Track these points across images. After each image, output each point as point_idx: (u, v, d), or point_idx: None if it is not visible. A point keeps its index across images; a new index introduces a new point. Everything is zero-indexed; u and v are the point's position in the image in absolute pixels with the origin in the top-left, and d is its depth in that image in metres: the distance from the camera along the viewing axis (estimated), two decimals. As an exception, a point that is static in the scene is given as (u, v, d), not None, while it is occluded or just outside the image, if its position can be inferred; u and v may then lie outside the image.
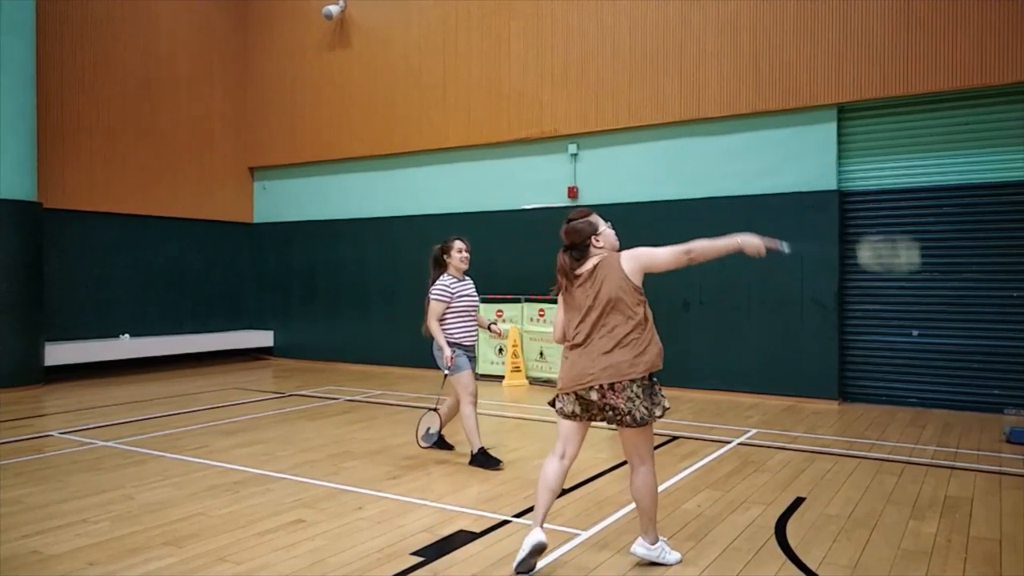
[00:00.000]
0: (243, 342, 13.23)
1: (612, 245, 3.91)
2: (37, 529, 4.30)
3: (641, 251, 3.78)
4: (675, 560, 3.83)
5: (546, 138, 10.79)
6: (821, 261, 8.85)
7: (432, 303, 5.75)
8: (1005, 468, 5.83)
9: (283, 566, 3.77)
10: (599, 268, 3.76)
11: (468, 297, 5.86)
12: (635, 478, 3.75)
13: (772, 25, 9.15)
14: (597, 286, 3.73)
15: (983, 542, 4.18)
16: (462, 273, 5.94)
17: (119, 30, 11.83)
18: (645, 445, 3.72)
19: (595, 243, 3.86)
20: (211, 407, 8.49)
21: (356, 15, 12.55)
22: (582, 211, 3.99)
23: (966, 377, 8.36)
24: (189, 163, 12.88)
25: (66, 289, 11.05)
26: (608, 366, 3.61)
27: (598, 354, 3.66)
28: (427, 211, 11.90)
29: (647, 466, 3.73)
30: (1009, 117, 8.20)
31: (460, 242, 5.91)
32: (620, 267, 3.73)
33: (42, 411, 8.32)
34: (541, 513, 3.71)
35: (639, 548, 3.79)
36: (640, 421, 3.60)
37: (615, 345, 3.64)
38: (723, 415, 8.11)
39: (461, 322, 5.81)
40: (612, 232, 3.95)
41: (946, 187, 8.48)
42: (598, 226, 3.91)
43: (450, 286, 5.78)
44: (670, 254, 3.72)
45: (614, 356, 3.62)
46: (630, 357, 3.61)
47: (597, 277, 3.75)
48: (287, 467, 5.76)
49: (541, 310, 10.51)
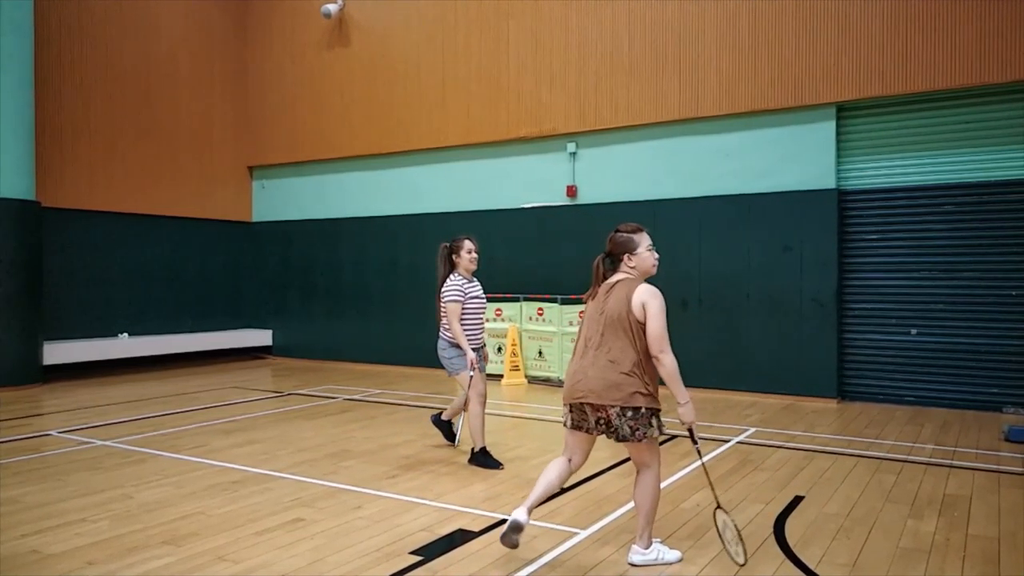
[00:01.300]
0: (242, 341, 13.23)
1: (644, 270, 3.80)
2: (36, 528, 4.30)
3: (654, 304, 3.61)
4: (675, 559, 3.82)
5: (545, 137, 10.79)
6: (820, 260, 8.86)
7: (449, 305, 5.66)
8: (1003, 466, 5.83)
9: (282, 565, 3.77)
10: (617, 287, 3.73)
11: (478, 299, 5.82)
12: (637, 480, 3.77)
13: (771, 24, 9.15)
14: (610, 303, 3.70)
15: (982, 540, 4.18)
16: (470, 274, 5.88)
17: (119, 29, 11.82)
18: (645, 454, 3.71)
19: (627, 261, 3.79)
20: (210, 406, 8.48)
21: (355, 14, 12.54)
22: (634, 226, 3.85)
23: (965, 376, 8.37)
24: (188, 162, 12.87)
25: (65, 288, 11.04)
26: (595, 388, 3.62)
27: (592, 370, 3.66)
28: (426, 210, 11.89)
29: (651, 471, 3.73)
30: (1008, 116, 8.20)
31: (470, 242, 5.83)
32: (632, 296, 3.64)
33: (41, 410, 8.32)
34: (533, 498, 3.73)
35: (635, 556, 3.78)
36: (622, 439, 3.62)
37: (605, 366, 3.63)
38: (722, 414, 8.11)
39: (471, 323, 5.77)
40: (651, 257, 3.80)
41: (945, 186, 8.48)
42: (638, 246, 3.79)
43: (463, 287, 5.72)
44: (655, 339, 3.57)
45: (604, 377, 3.61)
46: (614, 382, 3.59)
47: (612, 294, 3.72)
48: (286, 466, 5.75)
49: (540, 309, 10.51)
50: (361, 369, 12.01)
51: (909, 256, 8.67)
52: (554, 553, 3.92)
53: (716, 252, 9.51)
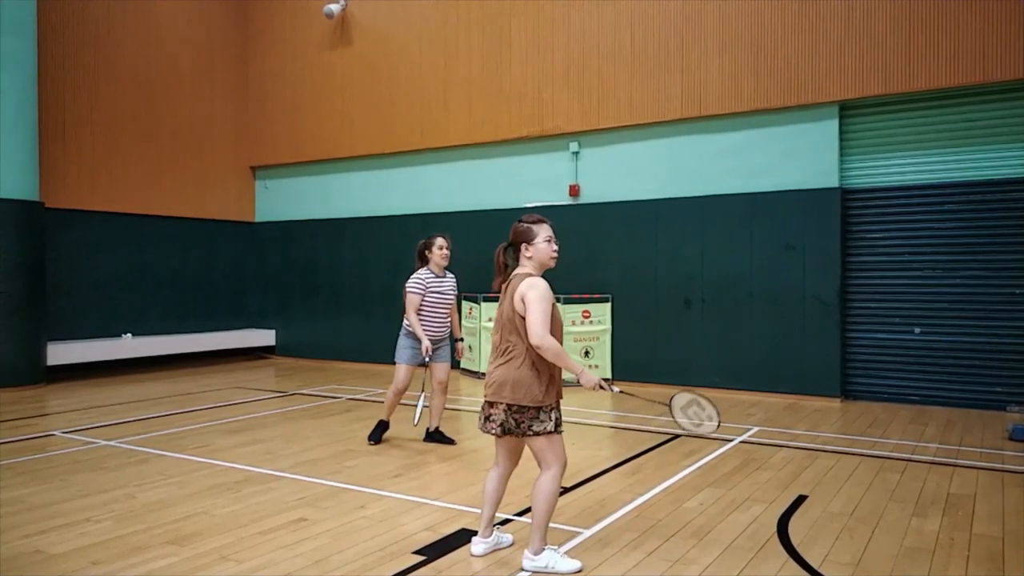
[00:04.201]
0: (245, 341, 13.24)
1: (541, 261, 3.74)
2: (40, 528, 4.31)
3: (532, 295, 3.55)
4: (571, 568, 3.59)
5: (547, 136, 10.79)
6: (823, 258, 8.85)
7: (408, 295, 6.14)
8: (1007, 465, 5.82)
9: (285, 565, 3.77)
10: (511, 283, 3.73)
11: (441, 293, 6.22)
12: (536, 480, 3.66)
13: (774, 22, 9.14)
14: (505, 298, 3.73)
15: (985, 539, 4.17)
16: (442, 269, 6.29)
17: (120, 29, 11.83)
18: (545, 451, 3.62)
19: (525, 251, 3.74)
20: (213, 406, 8.49)
21: (357, 14, 12.54)
22: (536, 217, 3.83)
23: (968, 374, 8.35)
24: (190, 162, 12.88)
25: (68, 289, 11.06)
26: (490, 385, 3.67)
27: (492, 368, 3.71)
28: (428, 209, 11.89)
29: (550, 472, 3.61)
30: (1011, 114, 8.18)
31: (442, 239, 6.28)
32: (515, 292, 3.63)
33: (44, 411, 8.33)
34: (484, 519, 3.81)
35: (525, 561, 3.63)
36: (508, 432, 3.61)
37: (502, 363, 3.66)
38: (725, 413, 8.08)
39: (430, 315, 6.20)
40: (549, 248, 3.73)
41: (948, 184, 8.46)
42: (535, 236, 3.72)
43: (425, 280, 6.15)
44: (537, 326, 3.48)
45: (497, 375, 3.64)
46: (502, 380, 3.61)
47: (506, 290, 3.74)
48: (289, 466, 5.76)
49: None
50: (364, 369, 12.01)
51: (912, 254, 8.65)
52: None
53: (719, 251, 9.50)
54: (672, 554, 3.93)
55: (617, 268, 10.07)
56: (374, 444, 6.46)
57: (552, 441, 3.63)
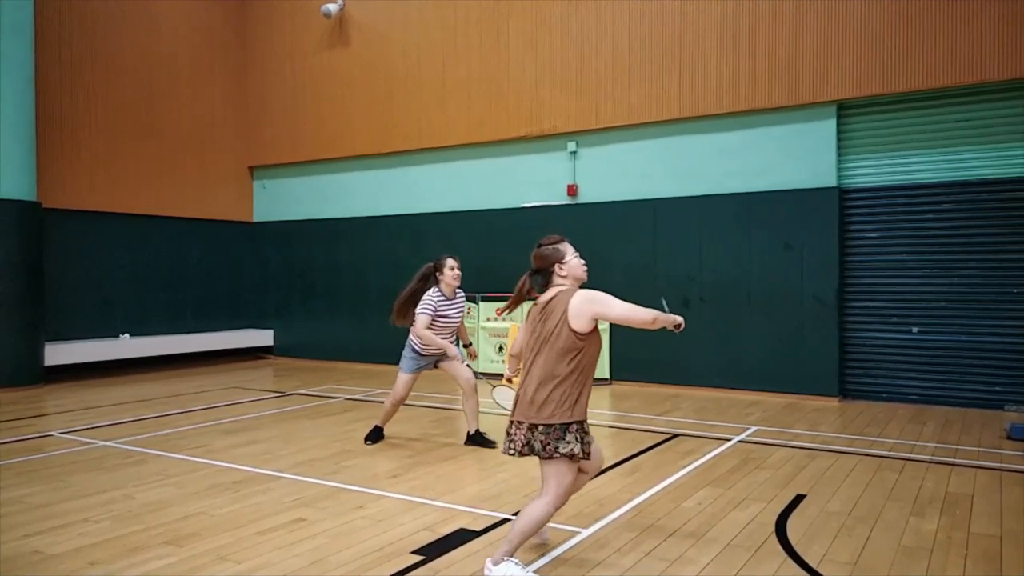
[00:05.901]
0: (243, 341, 13.23)
1: (577, 277, 3.68)
2: (38, 529, 4.31)
3: (596, 296, 3.50)
4: None
5: (545, 136, 10.79)
6: (821, 258, 8.86)
7: (419, 316, 6.09)
8: (1006, 464, 5.83)
9: (283, 565, 3.77)
10: (553, 301, 3.61)
11: (448, 318, 6.18)
12: (532, 500, 3.56)
13: (771, 22, 9.14)
14: (545, 318, 3.60)
15: (984, 538, 4.18)
16: (453, 290, 6.23)
17: (119, 29, 11.82)
18: (552, 478, 3.52)
19: (559, 272, 3.68)
20: (211, 406, 8.49)
21: (355, 14, 12.54)
22: (555, 237, 3.77)
23: (966, 373, 8.36)
24: (189, 162, 12.87)
25: (66, 289, 11.05)
26: (520, 406, 3.57)
27: (524, 390, 3.58)
28: (427, 210, 11.89)
29: (545, 498, 3.50)
30: (1009, 113, 8.19)
31: (452, 260, 6.22)
32: (566, 305, 3.51)
33: (42, 411, 8.32)
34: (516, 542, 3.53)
35: (485, 569, 3.50)
36: (527, 453, 3.51)
37: (537, 386, 3.54)
38: (723, 412, 8.10)
39: (437, 335, 6.17)
40: (580, 263, 3.70)
41: (946, 183, 8.47)
42: (564, 255, 3.68)
43: (435, 303, 6.09)
44: (627, 311, 3.43)
45: (534, 396, 3.53)
46: (534, 400, 3.51)
47: (547, 309, 3.61)
48: (287, 466, 5.76)
49: (541, 308, 10.49)
50: (362, 369, 12.01)
51: (910, 254, 8.65)
52: (555, 552, 3.92)
53: (717, 251, 9.51)
54: (670, 554, 3.93)
55: (616, 268, 10.07)
56: (371, 444, 6.46)
57: (566, 464, 3.52)
